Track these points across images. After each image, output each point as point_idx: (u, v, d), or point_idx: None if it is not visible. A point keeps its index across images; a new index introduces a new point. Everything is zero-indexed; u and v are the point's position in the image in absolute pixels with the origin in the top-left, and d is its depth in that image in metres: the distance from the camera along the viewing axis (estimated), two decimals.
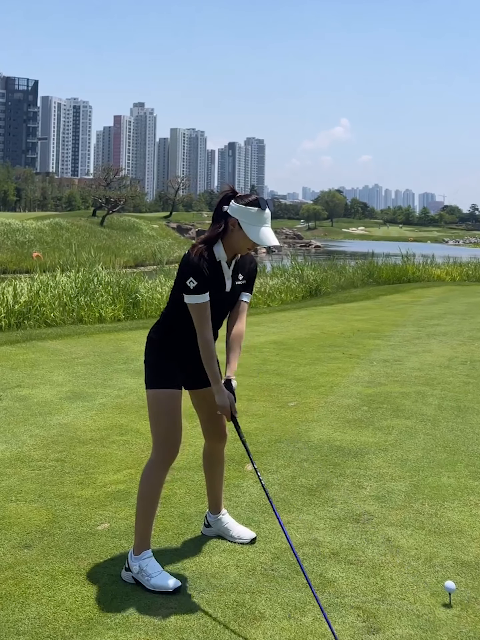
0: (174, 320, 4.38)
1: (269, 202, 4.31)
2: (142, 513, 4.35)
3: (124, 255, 60.13)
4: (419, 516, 5.31)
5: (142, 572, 4.23)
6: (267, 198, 4.45)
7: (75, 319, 15.12)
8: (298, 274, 23.82)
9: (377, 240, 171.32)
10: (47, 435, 7.06)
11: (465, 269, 33.53)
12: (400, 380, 9.94)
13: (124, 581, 4.27)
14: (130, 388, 9.07)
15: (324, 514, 5.30)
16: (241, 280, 4.45)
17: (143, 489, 4.36)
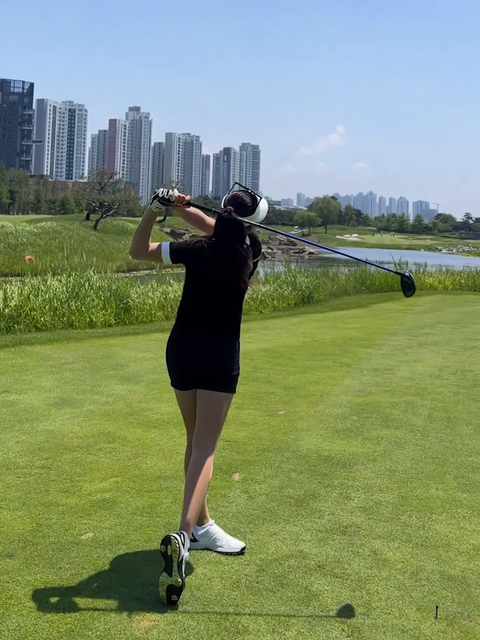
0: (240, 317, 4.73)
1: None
2: (203, 494, 4.50)
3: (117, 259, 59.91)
4: (406, 529, 5.27)
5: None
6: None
7: (66, 323, 15.05)
8: (291, 280, 23.79)
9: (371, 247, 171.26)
10: (33, 442, 6.99)
11: (457, 277, 33.61)
12: (391, 389, 9.91)
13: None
14: (118, 395, 9.01)
15: (311, 525, 5.25)
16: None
17: (208, 475, 4.53)
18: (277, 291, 22.37)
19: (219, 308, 4.58)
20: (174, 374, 4.72)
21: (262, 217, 4.66)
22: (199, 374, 4.60)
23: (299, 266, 30.27)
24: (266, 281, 24.41)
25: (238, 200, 4.56)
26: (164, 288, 19.09)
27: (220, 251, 4.44)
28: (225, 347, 4.60)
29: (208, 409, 4.63)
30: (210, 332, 4.57)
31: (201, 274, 4.55)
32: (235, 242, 4.44)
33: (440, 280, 32.38)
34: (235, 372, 4.68)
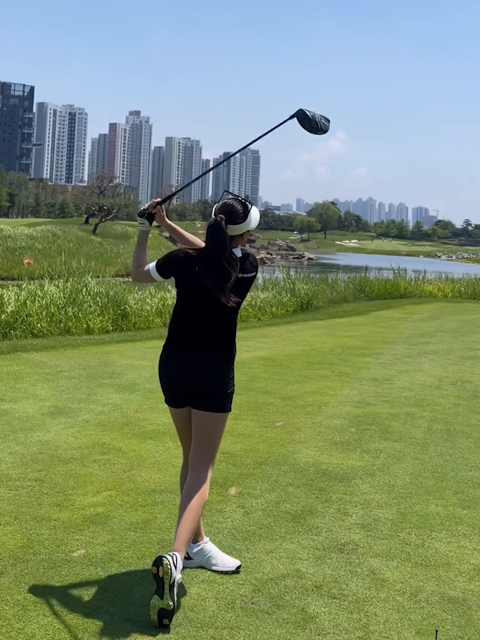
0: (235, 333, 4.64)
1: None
2: (198, 515, 4.40)
3: (116, 264, 59.87)
4: (405, 547, 5.16)
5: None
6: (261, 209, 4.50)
7: (63, 329, 14.92)
8: (290, 287, 23.69)
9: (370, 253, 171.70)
10: (26, 453, 6.88)
11: (457, 285, 33.50)
12: (390, 400, 9.81)
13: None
14: (114, 404, 8.90)
15: (308, 542, 5.14)
16: None
17: (204, 497, 4.45)
18: (275, 298, 22.25)
19: (210, 325, 4.47)
20: (167, 392, 4.63)
21: (255, 224, 4.54)
22: (192, 393, 4.51)
23: (298, 272, 30.14)
24: (265, 288, 24.29)
25: (229, 208, 4.43)
26: (162, 294, 18.96)
27: (205, 260, 4.32)
28: (218, 366, 4.50)
29: (203, 430, 4.54)
30: (202, 350, 4.47)
31: (189, 287, 4.46)
32: (220, 252, 4.28)
33: (439, 287, 32.27)
34: (230, 389, 4.59)
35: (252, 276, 4.55)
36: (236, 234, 4.43)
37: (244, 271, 4.43)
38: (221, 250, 4.28)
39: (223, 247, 4.28)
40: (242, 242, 4.55)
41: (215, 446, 4.61)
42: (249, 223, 4.46)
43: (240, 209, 4.44)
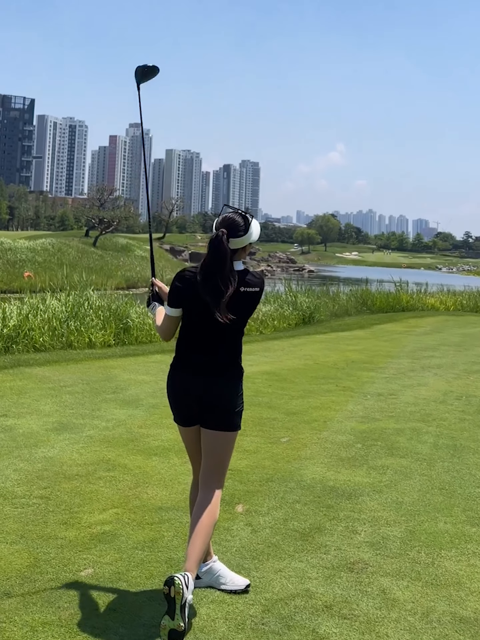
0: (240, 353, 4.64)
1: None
2: (209, 535, 4.36)
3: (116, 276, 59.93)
4: (415, 565, 5.11)
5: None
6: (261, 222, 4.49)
7: (65, 343, 14.87)
8: (291, 300, 23.62)
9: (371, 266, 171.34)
10: (31, 470, 6.83)
11: (459, 298, 33.40)
12: (395, 415, 9.76)
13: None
14: (118, 420, 8.86)
15: (317, 561, 5.09)
16: None
17: (214, 516, 4.40)
18: (277, 311, 22.20)
19: (215, 342, 4.45)
20: (176, 411, 4.61)
21: (256, 237, 4.52)
22: (201, 413, 4.49)
23: (300, 285, 30.07)
24: (267, 301, 24.23)
25: (229, 222, 4.40)
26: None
27: (204, 275, 4.30)
28: (226, 385, 4.48)
29: (213, 449, 4.51)
30: (209, 368, 4.45)
31: (192, 306, 4.43)
32: (220, 267, 4.26)
33: (441, 300, 32.19)
34: (239, 407, 4.56)
35: (256, 291, 4.48)
36: (238, 247, 4.41)
37: (246, 285, 4.40)
38: (221, 264, 4.26)
39: (223, 262, 4.27)
40: (244, 255, 4.54)
41: (225, 465, 4.59)
42: (250, 236, 4.44)
43: (241, 222, 4.42)
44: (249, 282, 4.43)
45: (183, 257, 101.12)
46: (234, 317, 4.31)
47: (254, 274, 4.53)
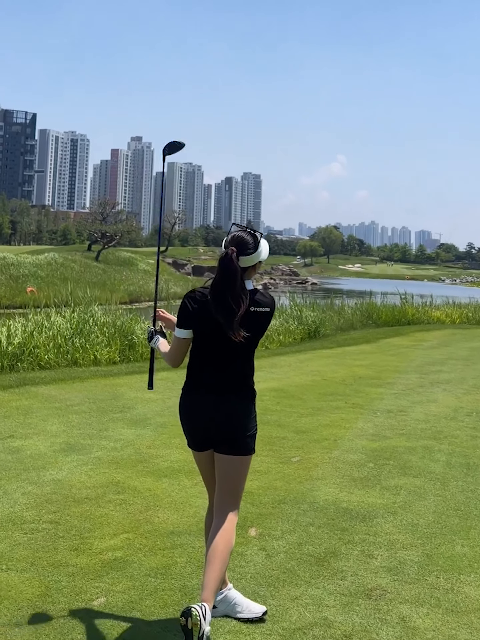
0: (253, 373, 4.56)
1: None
2: (226, 563, 4.27)
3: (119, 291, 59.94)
4: (435, 591, 5.00)
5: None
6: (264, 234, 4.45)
7: (70, 361, 14.76)
8: (297, 315, 23.50)
9: (374, 277, 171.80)
10: (40, 493, 6.72)
11: (465, 311, 33.26)
12: (406, 433, 9.65)
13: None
14: (126, 440, 8.75)
15: (334, 588, 4.98)
16: None
17: (230, 544, 4.31)
18: (283, 326, 22.08)
19: (226, 364, 4.38)
20: (189, 436, 4.54)
21: (266, 254, 4.46)
22: (215, 437, 4.41)
23: (304, 298, 29.96)
24: None
25: (238, 240, 4.34)
26: None
27: (215, 294, 4.24)
28: (239, 408, 4.41)
29: (227, 474, 4.43)
30: (221, 392, 4.37)
31: (203, 328, 4.36)
32: (230, 285, 4.20)
33: (447, 313, 32.03)
34: (253, 431, 4.48)
35: (266, 311, 4.40)
36: (248, 265, 4.36)
37: (255, 304, 4.33)
38: (231, 283, 4.20)
39: (234, 280, 4.21)
40: (254, 274, 4.47)
41: (240, 489, 4.50)
42: (260, 253, 4.39)
43: (250, 240, 4.36)
44: (259, 302, 4.36)
45: (186, 271, 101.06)
46: (248, 335, 4.23)
47: (265, 293, 4.46)
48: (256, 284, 4.52)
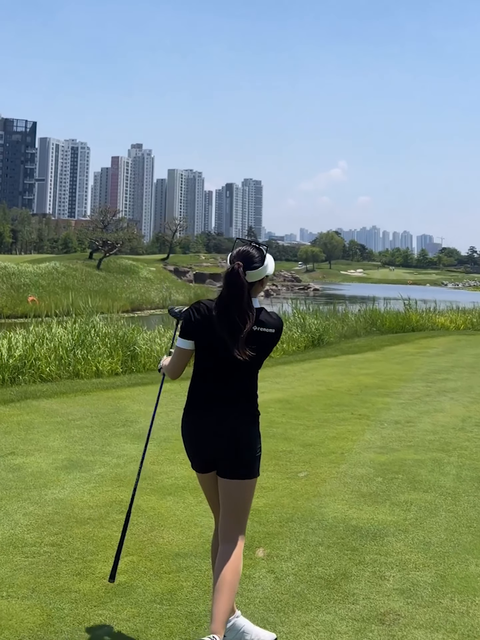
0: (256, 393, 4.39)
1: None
2: (234, 591, 4.12)
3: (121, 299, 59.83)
4: (450, 615, 4.82)
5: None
6: (264, 240, 4.27)
7: (72, 373, 14.58)
8: (300, 322, 23.29)
9: (376, 283, 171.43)
10: (42, 514, 6.54)
11: (469, 316, 33.03)
12: (414, 445, 9.47)
13: None
14: (129, 455, 8.57)
15: (346, 612, 4.80)
16: None
17: (237, 570, 4.17)
18: (286, 334, 21.85)
19: (229, 384, 4.23)
20: (191, 456, 4.39)
21: (272, 268, 4.36)
22: (216, 459, 4.26)
23: (307, 305, 29.71)
24: None
25: (244, 254, 4.23)
26: (171, 333, 18.67)
27: (220, 310, 4.11)
28: (240, 430, 4.23)
29: (230, 498, 4.27)
30: (223, 413, 4.22)
31: (205, 344, 4.23)
32: (237, 301, 4.07)
33: (451, 319, 31.78)
34: (257, 453, 4.32)
35: (271, 333, 4.24)
36: (255, 280, 4.23)
37: (260, 324, 4.18)
38: (238, 298, 4.08)
39: (240, 295, 4.08)
40: (261, 289, 4.34)
41: (245, 514, 4.34)
42: (266, 267, 4.28)
43: (256, 254, 4.26)
44: (264, 322, 4.22)
45: (187, 278, 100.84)
46: (253, 354, 4.08)
47: (271, 314, 4.32)
48: (270, 311, 4.36)
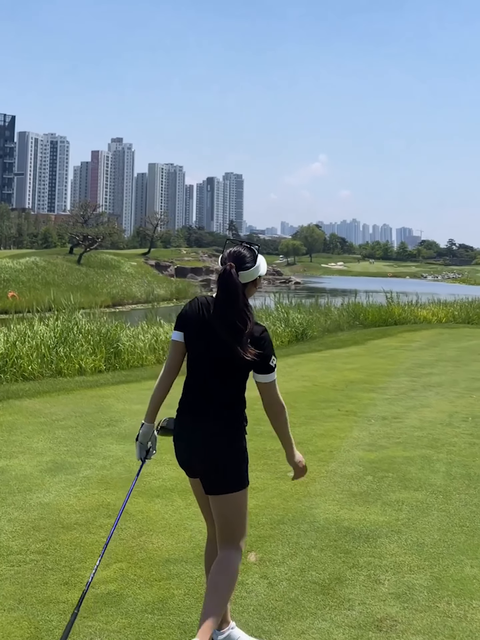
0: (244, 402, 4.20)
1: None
2: (226, 599, 3.96)
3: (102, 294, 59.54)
4: (447, 620, 4.72)
5: None
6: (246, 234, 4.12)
7: (54, 371, 14.38)
8: (283, 317, 23.17)
9: (356, 275, 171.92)
10: (27, 519, 6.38)
11: (450, 309, 33.14)
12: (403, 441, 9.38)
13: None
14: (115, 457, 8.41)
15: (342, 619, 4.69)
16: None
17: (232, 577, 4.00)
18: (270, 329, 21.73)
19: (211, 389, 4.07)
20: (178, 460, 4.23)
21: (264, 269, 4.22)
22: (194, 467, 4.13)
23: (289, 299, 29.55)
24: (258, 318, 23.82)
25: (235, 255, 4.12)
26: (154, 330, 18.51)
27: (218, 312, 4.00)
28: (217, 438, 4.04)
29: (219, 514, 4.12)
30: (199, 418, 4.07)
31: (195, 345, 4.11)
32: (233, 301, 3.96)
33: (433, 312, 31.84)
34: (236, 465, 4.11)
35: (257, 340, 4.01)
36: (248, 280, 4.11)
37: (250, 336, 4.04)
38: (233, 299, 3.97)
39: (235, 296, 3.98)
40: (254, 290, 4.23)
41: (239, 525, 4.16)
42: (259, 267, 4.16)
43: (247, 254, 4.15)
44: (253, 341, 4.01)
45: (169, 272, 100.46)
46: (259, 352, 3.95)
47: (258, 324, 4.12)
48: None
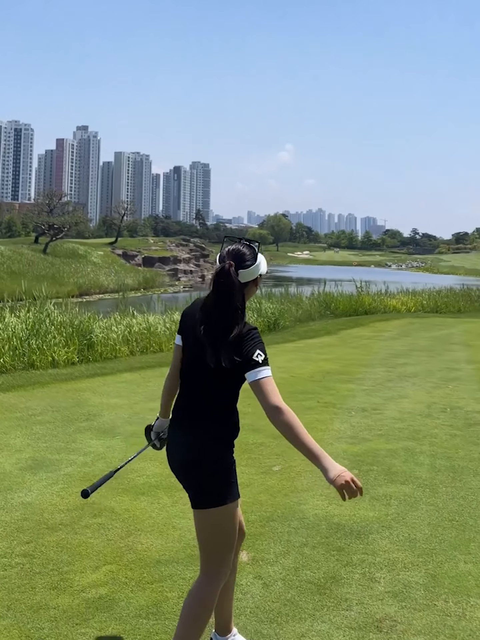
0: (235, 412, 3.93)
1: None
2: (197, 630, 3.65)
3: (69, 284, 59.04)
4: (446, 619, 4.64)
5: None
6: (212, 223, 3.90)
7: (27, 363, 14.13)
8: (256, 307, 23.08)
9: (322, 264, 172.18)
10: (10, 521, 6.20)
11: (419, 298, 33.36)
12: (384, 433, 9.33)
13: None
14: (96, 453, 8.24)
15: (341, 620, 4.59)
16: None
17: (205, 606, 3.67)
18: None
19: (194, 395, 3.79)
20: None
21: (265, 267, 3.91)
22: (185, 481, 3.83)
23: (260, 289, 29.45)
24: None
25: (235, 253, 3.80)
26: (127, 321, 18.30)
27: (205, 311, 3.72)
28: (196, 449, 3.70)
29: (200, 530, 3.77)
30: (180, 424, 3.83)
31: (186, 347, 3.90)
32: (226, 301, 3.63)
33: (402, 301, 31.99)
34: (215, 480, 3.73)
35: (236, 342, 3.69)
36: (249, 279, 3.79)
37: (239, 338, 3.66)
38: (228, 300, 3.65)
39: (231, 296, 3.65)
40: (254, 291, 3.95)
41: (206, 549, 3.77)
42: (259, 265, 3.84)
43: (247, 251, 3.83)
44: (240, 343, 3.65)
45: (136, 262, 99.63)
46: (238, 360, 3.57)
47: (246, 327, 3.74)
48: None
